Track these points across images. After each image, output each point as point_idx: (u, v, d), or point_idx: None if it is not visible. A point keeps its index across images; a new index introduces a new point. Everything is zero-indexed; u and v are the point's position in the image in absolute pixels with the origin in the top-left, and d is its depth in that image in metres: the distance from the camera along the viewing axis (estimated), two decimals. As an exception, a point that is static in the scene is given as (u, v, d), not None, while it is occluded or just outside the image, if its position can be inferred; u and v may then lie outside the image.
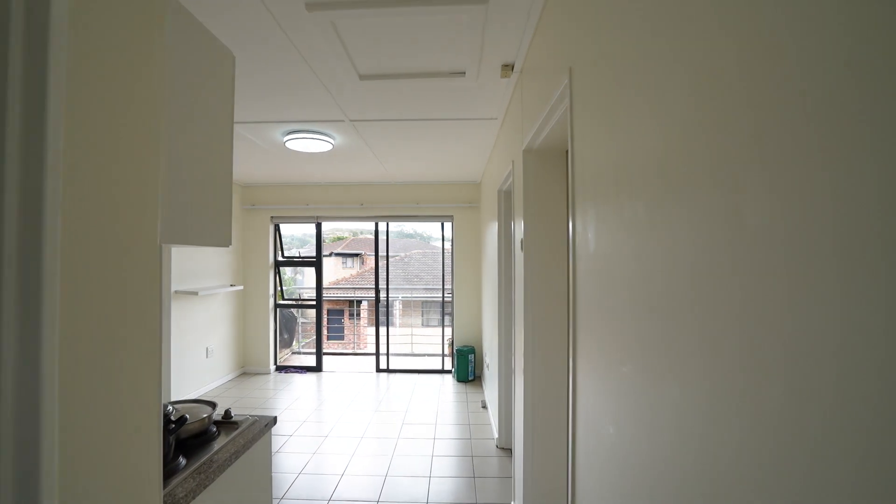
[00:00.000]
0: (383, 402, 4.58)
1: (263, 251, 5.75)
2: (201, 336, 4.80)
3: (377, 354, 5.90)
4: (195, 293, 4.38)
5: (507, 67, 2.28)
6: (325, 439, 3.61)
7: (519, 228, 2.40)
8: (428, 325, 15.25)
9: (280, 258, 6.02)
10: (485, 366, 4.86)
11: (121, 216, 0.83)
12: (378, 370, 5.84)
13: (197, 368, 4.72)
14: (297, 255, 6.36)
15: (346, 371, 5.92)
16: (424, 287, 14.72)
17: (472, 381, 5.32)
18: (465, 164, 4.54)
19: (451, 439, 3.61)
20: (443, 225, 5.91)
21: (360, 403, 4.51)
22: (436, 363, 6.45)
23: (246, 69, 2.28)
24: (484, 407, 4.37)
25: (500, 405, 3.42)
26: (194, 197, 1.15)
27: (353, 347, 11.08)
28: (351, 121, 3.12)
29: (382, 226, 5.93)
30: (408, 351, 7.56)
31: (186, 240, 1.13)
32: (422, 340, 7.95)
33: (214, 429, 1.47)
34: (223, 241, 1.29)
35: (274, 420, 1.69)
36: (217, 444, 1.42)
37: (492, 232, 3.92)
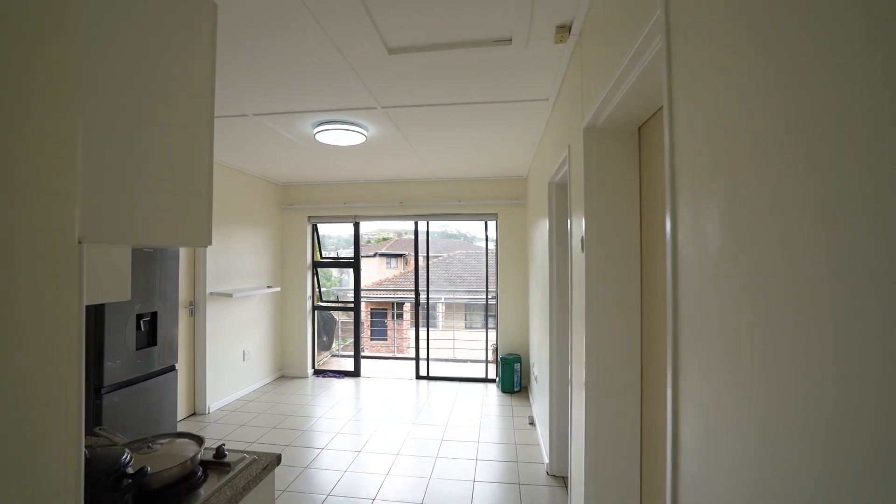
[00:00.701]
0: (422, 412, 4.27)
1: (301, 252, 5.62)
2: (237, 339, 4.70)
3: (417, 359, 5.61)
4: (230, 295, 4.27)
5: (563, 29, 1.89)
6: (358, 454, 3.34)
7: (577, 225, 2.00)
8: (471, 328, 14.91)
9: (318, 259, 5.88)
10: (532, 377, 4.44)
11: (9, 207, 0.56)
12: (418, 377, 5.55)
13: (233, 372, 4.62)
14: (336, 255, 6.20)
15: (385, 377, 5.68)
16: (467, 289, 14.38)
17: (517, 392, 4.91)
18: (510, 156, 4.15)
19: (495, 461, 3.24)
20: (486, 224, 5.54)
21: (397, 414, 4.23)
22: (478, 370, 6.08)
23: (264, 50, 2.02)
24: (532, 424, 3.96)
25: (552, 424, 3.01)
26: (150, 185, 0.86)
27: (394, 351, 10.93)
28: (383, 108, 2.82)
29: (423, 226, 5.64)
30: (449, 356, 7.24)
31: (137, 239, 0.84)
32: (464, 345, 7.60)
33: (200, 472, 1.19)
34: (198, 239, 1.00)
35: (277, 459, 1.39)
36: (204, 492, 1.14)
37: (541, 230, 3.51)
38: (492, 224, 5.50)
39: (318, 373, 5.68)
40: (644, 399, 1.71)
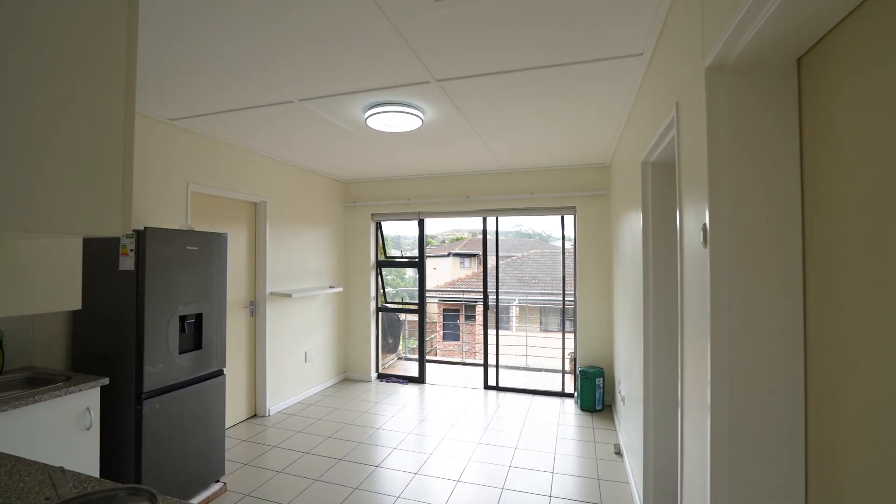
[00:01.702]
0: (489, 430, 3.81)
1: (364, 251, 5.42)
2: (299, 340, 4.59)
3: (485, 367, 5.15)
4: (288, 295, 4.14)
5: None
6: (414, 476, 2.97)
7: (693, 212, 1.43)
8: (547, 331, 14.13)
9: (382, 258, 5.65)
10: (618, 394, 3.78)
11: None
12: (486, 386, 5.10)
13: (295, 373, 4.51)
14: (400, 254, 5.94)
15: (451, 384, 5.29)
16: (543, 291, 13.63)
17: (599, 411, 4.26)
18: (591, 139, 3.54)
19: (573, 501, 2.69)
20: (562, 219, 4.93)
21: (461, 430, 3.81)
22: (554, 381, 5.48)
23: (295, 21, 1.70)
24: (618, 453, 3.33)
25: (648, 456, 2.40)
26: (33, 163, 0.51)
27: (464, 355, 10.61)
28: (438, 81, 2.42)
29: (492, 224, 5.16)
30: (522, 363, 6.69)
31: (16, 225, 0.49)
32: (539, 352, 6.99)
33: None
34: (106, 226, 0.65)
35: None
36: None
37: (630, 224, 2.89)
38: (569, 219, 4.88)
39: (382, 377, 5.45)
40: (811, 430, 1.12)
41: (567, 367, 5.20)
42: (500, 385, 5.09)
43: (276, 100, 2.70)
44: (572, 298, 4.86)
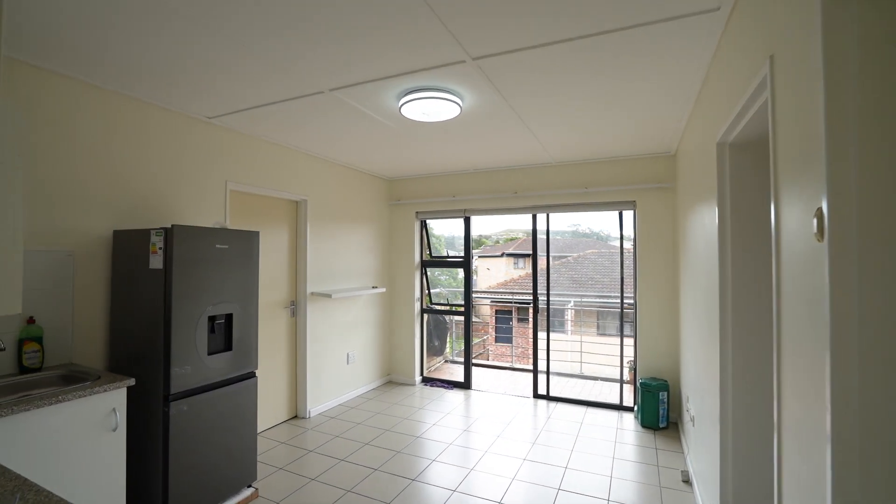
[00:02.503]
0: (538, 445, 3.50)
1: (408, 250, 5.27)
2: (341, 341, 4.50)
3: (535, 373, 4.81)
4: (328, 296, 4.05)
5: None
6: (452, 495, 2.73)
7: (797, 197, 1.08)
8: (604, 335, 13.39)
9: (426, 258, 5.47)
10: (685, 413, 3.33)
11: None
12: (536, 395, 4.75)
13: (337, 375, 4.43)
14: (446, 254, 5.73)
15: (498, 391, 5.00)
16: (600, 293, 12.92)
17: (663, 429, 3.80)
18: (653, 124, 3.12)
19: (632, 538, 2.33)
20: (620, 215, 4.48)
21: (507, 443, 3.52)
22: (611, 392, 5.04)
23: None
24: (686, 481, 2.90)
25: (726, 488, 2.01)
26: None
27: (514, 360, 10.26)
28: (474, 59, 2.16)
29: (542, 222, 4.81)
30: (576, 370, 6.25)
31: None
32: (595, 359, 6.50)
33: None
34: None
35: None
36: None
37: (702, 218, 2.48)
38: (628, 215, 4.43)
39: (427, 381, 5.27)
40: None
41: (626, 377, 4.74)
42: (551, 394, 4.73)
43: (306, 91, 2.57)
44: (632, 302, 4.41)
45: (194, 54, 2.12)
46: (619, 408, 4.36)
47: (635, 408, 4.14)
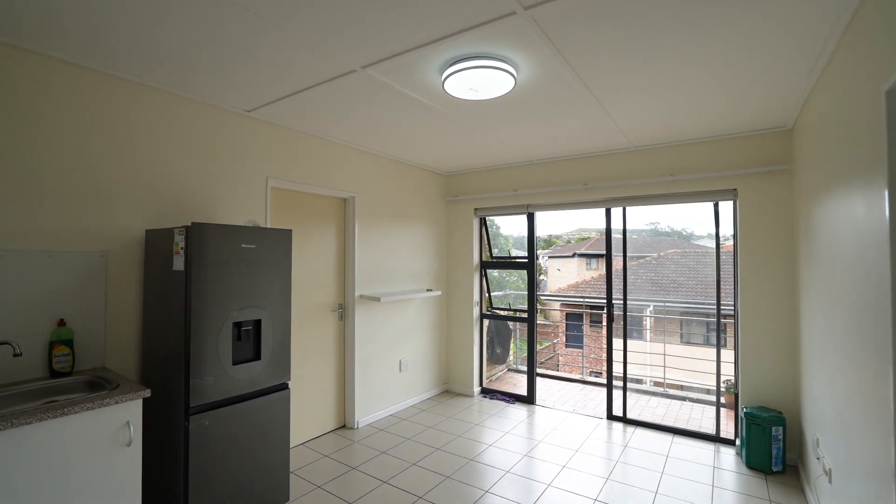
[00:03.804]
0: (612, 483, 2.93)
1: (466, 250, 4.88)
2: (393, 347, 4.23)
3: (609, 388, 4.19)
4: (377, 299, 3.78)
5: None
6: (506, 540, 2.30)
7: None
8: (689, 343, 12.04)
9: (487, 259, 5.05)
10: (814, 460, 2.59)
11: None
12: (610, 416, 4.14)
13: (388, 383, 4.16)
14: (509, 255, 5.25)
15: (566, 409, 4.44)
16: (684, 297, 11.63)
17: (777, 473, 3.04)
18: (763, 88, 2.44)
19: None
20: (715, 207, 3.73)
21: (573, 478, 3.00)
22: (703, 416, 4.28)
23: None
24: (818, 553, 2.20)
25: None
26: None
27: (584, 372, 9.55)
28: (527, 8, 1.72)
29: (618, 218, 4.18)
30: (657, 382, 5.47)
31: None
32: (679, 375, 5.66)
33: None
34: None
35: None
36: None
37: (850, 205, 1.81)
38: (726, 206, 3.68)
39: (486, 392, 4.84)
40: None
41: (723, 399, 3.96)
42: (629, 416, 4.09)
43: (338, 71, 2.28)
44: (732, 310, 3.65)
45: (217, 39, 1.90)
46: (716, 439, 3.62)
47: (738, 442, 3.40)
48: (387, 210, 4.17)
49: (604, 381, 4.60)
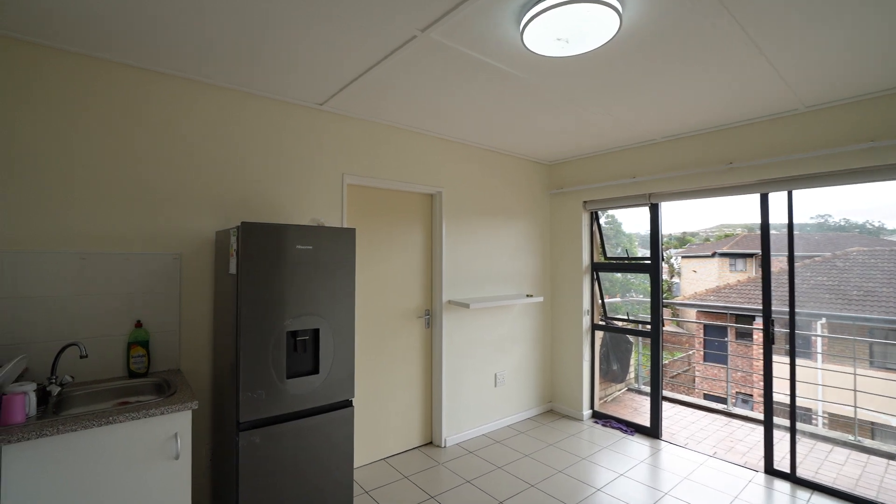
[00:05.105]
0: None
1: (574, 250, 4.22)
2: (488, 359, 3.79)
3: (768, 428, 3.17)
4: (466, 305, 3.38)
5: None
6: None
7: None
8: (886, 368, 9.34)
9: (599, 259, 4.32)
10: None
11: None
12: (769, 470, 3.12)
13: (482, 399, 3.74)
14: (626, 255, 4.42)
15: (704, 450, 3.52)
16: (875, 311, 9.06)
17: None
18: None
19: None
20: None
21: (713, 553, 2.23)
22: (925, 488, 3.03)
23: None
24: None
25: None
26: None
27: (731, 399, 7.96)
28: None
29: (778, 206, 3.16)
30: (844, 422, 4.11)
31: None
32: (874, 416, 4.20)
33: None
34: None
35: None
36: None
37: None
38: (967, 182, 2.48)
39: (599, 417, 4.12)
40: None
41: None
42: (800, 474, 3.03)
43: (397, 40, 1.93)
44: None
45: (270, 24, 1.70)
46: (952, 525, 2.44)
47: None
48: (478, 206, 3.76)
49: (758, 415, 3.54)
